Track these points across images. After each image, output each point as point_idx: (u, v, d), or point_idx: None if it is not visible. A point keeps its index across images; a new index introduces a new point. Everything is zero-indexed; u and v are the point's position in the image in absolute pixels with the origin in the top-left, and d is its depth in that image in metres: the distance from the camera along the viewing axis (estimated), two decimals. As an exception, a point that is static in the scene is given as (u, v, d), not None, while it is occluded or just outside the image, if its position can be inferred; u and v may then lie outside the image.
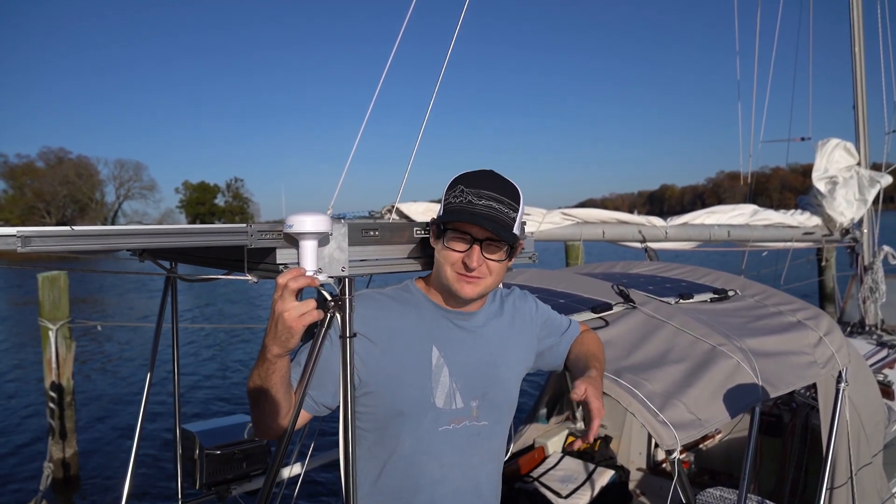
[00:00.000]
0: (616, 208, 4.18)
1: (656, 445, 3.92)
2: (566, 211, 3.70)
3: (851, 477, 2.48)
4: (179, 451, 2.33)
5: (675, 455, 1.60)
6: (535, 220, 3.57)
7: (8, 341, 14.66)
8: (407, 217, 2.72)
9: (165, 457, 6.46)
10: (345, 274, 1.36)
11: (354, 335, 1.34)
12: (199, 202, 64.69)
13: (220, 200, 67.68)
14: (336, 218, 1.41)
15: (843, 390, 2.37)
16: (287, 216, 1.25)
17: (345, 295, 1.31)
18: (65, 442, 6.81)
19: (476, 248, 1.38)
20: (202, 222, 1.29)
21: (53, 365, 6.77)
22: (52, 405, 6.74)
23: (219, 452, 2.34)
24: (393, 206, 2.73)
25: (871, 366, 3.93)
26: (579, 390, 1.39)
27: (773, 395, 2.02)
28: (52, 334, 6.73)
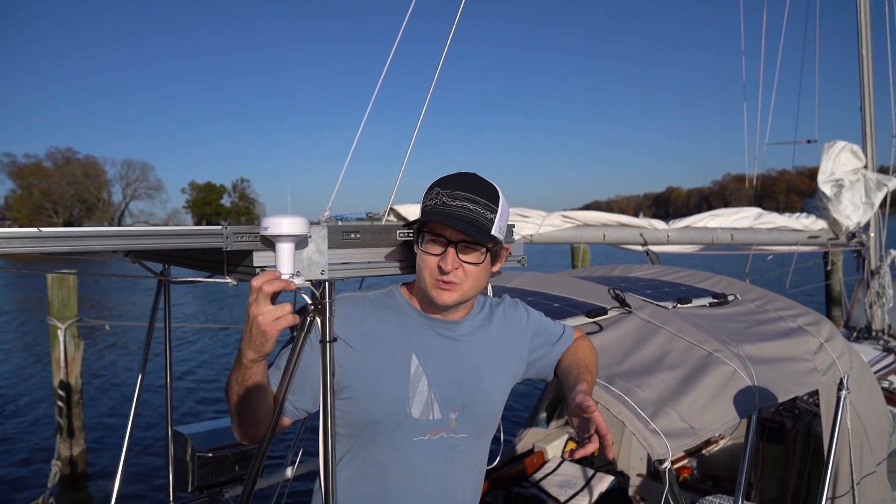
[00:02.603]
0: (621, 210, 4.16)
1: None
2: (566, 213, 3.67)
3: (853, 486, 2.42)
4: (171, 453, 2.32)
5: (667, 465, 1.56)
6: (535, 223, 3.53)
7: (17, 340, 14.76)
8: (404, 219, 2.69)
9: (159, 458, 6.47)
10: (324, 277, 1.32)
11: (334, 340, 1.31)
12: (206, 202, 64.93)
13: (226, 201, 67.91)
14: (334, 219, 1.38)
15: (845, 398, 2.31)
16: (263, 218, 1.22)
17: (324, 299, 1.28)
18: (72, 440, 6.82)
19: (451, 250, 1.34)
20: (208, 222, 1.27)
21: (62, 363, 6.79)
22: (60, 403, 6.76)
23: (211, 455, 2.33)
24: (388, 208, 2.71)
25: (877, 372, 3.86)
26: (590, 405, 1.29)
27: (771, 402, 1.97)
28: (60, 333, 6.76)
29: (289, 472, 2.48)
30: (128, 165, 62.85)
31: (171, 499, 2.31)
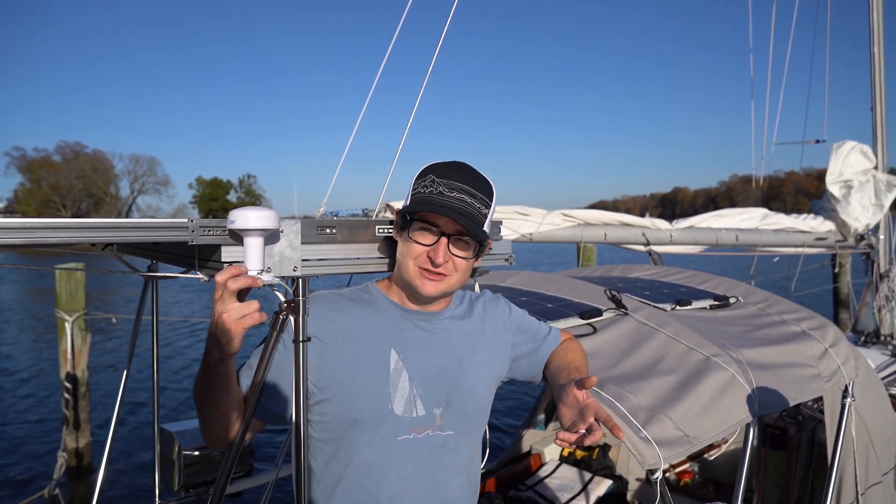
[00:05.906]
0: (627, 210, 4.11)
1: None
2: (567, 212, 3.61)
3: (857, 497, 2.34)
4: (157, 450, 2.28)
5: (658, 475, 1.48)
6: (535, 221, 3.47)
7: (24, 332, 14.83)
8: None
9: (146, 456, 6.45)
10: (297, 274, 1.27)
11: (308, 339, 1.25)
12: (212, 198, 65.32)
13: (232, 196, 68.30)
14: (331, 215, 1.32)
15: (850, 405, 2.23)
16: (232, 211, 1.17)
17: (298, 296, 1.22)
18: (79, 432, 6.84)
19: (443, 241, 1.29)
20: (214, 217, 1.23)
21: (69, 356, 6.81)
22: (66, 395, 6.78)
23: (197, 454, 2.28)
24: (381, 204, 2.65)
25: (885, 378, 3.77)
26: (580, 395, 1.27)
27: (770, 410, 1.90)
28: (68, 326, 6.78)
29: (277, 472, 2.42)
30: (135, 160, 63.27)
31: (157, 498, 2.27)
